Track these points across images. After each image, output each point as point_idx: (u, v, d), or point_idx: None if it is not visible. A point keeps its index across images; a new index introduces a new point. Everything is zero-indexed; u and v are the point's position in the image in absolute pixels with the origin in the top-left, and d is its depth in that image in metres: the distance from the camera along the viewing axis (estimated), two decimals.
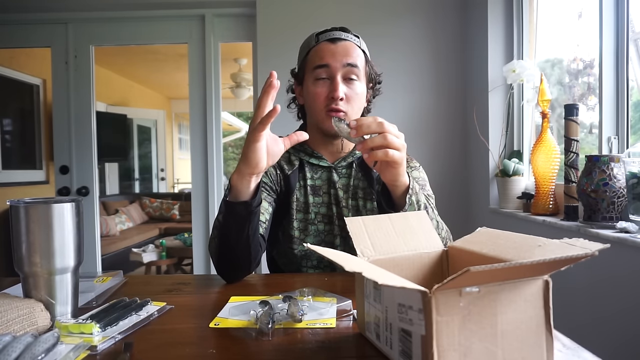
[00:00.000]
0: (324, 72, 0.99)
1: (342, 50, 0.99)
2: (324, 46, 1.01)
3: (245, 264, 0.88)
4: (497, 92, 2.10)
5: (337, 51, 0.99)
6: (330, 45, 1.00)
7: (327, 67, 0.99)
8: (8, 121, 3.83)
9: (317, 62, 1.00)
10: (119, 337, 0.58)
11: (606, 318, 1.27)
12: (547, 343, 0.45)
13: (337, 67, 0.98)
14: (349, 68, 0.99)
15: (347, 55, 0.99)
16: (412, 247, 0.62)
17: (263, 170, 0.82)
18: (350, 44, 1.01)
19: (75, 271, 0.68)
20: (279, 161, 1.07)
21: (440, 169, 2.36)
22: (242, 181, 0.81)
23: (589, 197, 1.32)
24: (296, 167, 1.06)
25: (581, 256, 0.41)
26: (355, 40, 1.03)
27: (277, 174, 1.06)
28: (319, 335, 0.59)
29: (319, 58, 1.00)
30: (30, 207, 0.64)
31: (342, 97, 0.98)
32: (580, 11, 1.75)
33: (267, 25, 2.40)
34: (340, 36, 1.02)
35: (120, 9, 2.56)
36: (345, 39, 1.01)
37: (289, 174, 1.06)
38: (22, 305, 0.60)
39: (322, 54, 1.00)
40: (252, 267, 0.90)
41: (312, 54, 1.02)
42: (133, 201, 5.67)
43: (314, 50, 1.02)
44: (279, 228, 1.07)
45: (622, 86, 1.45)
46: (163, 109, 6.70)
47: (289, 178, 1.06)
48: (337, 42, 1.00)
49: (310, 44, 1.04)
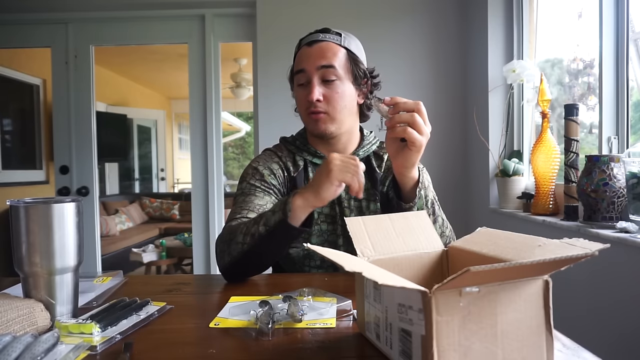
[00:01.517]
0: (302, 77, 1.01)
1: (316, 53, 0.99)
2: (302, 51, 1.02)
3: (256, 273, 0.91)
4: (497, 92, 2.10)
5: (312, 54, 0.99)
6: (307, 49, 1.01)
7: (304, 72, 1.00)
8: (8, 121, 3.82)
9: (297, 68, 1.02)
10: (119, 337, 0.58)
11: (606, 318, 1.27)
12: (547, 343, 0.45)
13: (312, 71, 0.98)
14: (323, 70, 0.98)
15: (322, 57, 0.98)
16: (412, 247, 0.62)
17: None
18: (327, 44, 1.00)
19: (75, 271, 0.68)
20: (285, 162, 1.07)
21: (440, 169, 2.36)
22: (306, 210, 0.82)
23: (589, 197, 1.32)
24: (301, 168, 1.06)
25: (581, 256, 0.41)
26: (335, 38, 1.01)
27: (284, 176, 1.06)
28: (319, 335, 0.59)
29: (297, 63, 1.02)
30: (30, 207, 0.64)
31: (319, 99, 0.98)
32: (580, 11, 1.75)
33: (267, 25, 2.40)
34: (317, 38, 1.01)
35: (120, 9, 2.56)
36: (322, 40, 1.00)
37: (294, 175, 1.06)
38: (22, 305, 0.60)
39: (300, 58, 1.02)
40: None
41: (295, 59, 1.04)
42: (133, 201, 5.67)
43: (297, 56, 1.04)
44: None
45: (622, 86, 1.45)
46: (163, 109, 6.70)
47: (295, 180, 1.05)
48: (313, 45, 1.00)
49: (296, 49, 1.06)
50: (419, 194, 0.87)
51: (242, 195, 1.00)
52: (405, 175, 0.87)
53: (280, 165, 1.06)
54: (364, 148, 1.07)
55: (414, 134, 0.79)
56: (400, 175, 0.87)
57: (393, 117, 0.80)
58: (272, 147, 1.13)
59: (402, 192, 0.90)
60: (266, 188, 1.00)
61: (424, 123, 0.80)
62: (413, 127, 0.79)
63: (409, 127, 0.79)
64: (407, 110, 0.80)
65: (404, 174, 0.86)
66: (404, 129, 0.79)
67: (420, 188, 0.88)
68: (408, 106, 0.80)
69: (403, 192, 0.89)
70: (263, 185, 1.01)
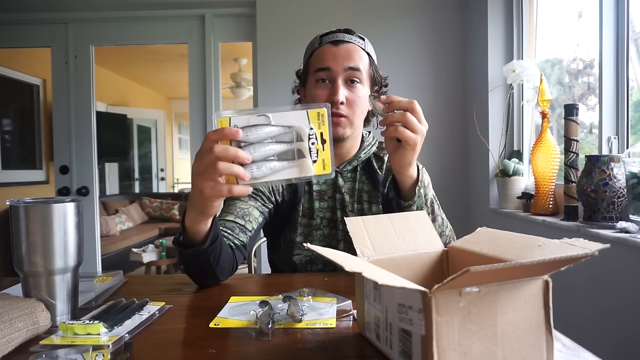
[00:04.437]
0: (325, 75, 0.97)
1: (344, 53, 0.97)
2: (326, 48, 0.99)
3: (215, 281, 0.86)
4: (497, 92, 2.10)
5: (339, 54, 0.97)
6: (332, 48, 0.98)
7: (328, 70, 0.97)
8: (8, 121, 3.83)
9: (319, 65, 0.98)
10: (127, 336, 0.58)
11: (606, 318, 1.27)
12: (547, 343, 0.45)
13: (339, 71, 0.96)
14: (350, 72, 0.96)
15: (349, 58, 0.97)
16: (412, 247, 0.62)
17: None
18: (354, 47, 0.99)
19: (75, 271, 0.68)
20: None
21: (440, 169, 2.36)
22: (201, 223, 0.75)
23: (589, 197, 1.32)
24: None
25: (581, 256, 0.41)
26: (360, 42, 1.00)
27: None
28: (319, 335, 0.59)
29: (320, 61, 0.98)
30: (30, 207, 0.64)
31: (343, 101, 0.96)
32: (580, 11, 1.75)
33: (267, 25, 2.40)
34: (344, 38, 0.99)
35: (120, 9, 2.56)
36: (349, 42, 0.99)
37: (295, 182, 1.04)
38: (22, 305, 0.60)
39: (324, 56, 0.98)
40: (225, 278, 0.88)
41: (314, 56, 1.01)
42: (133, 201, 5.67)
43: (316, 53, 1.00)
44: (281, 236, 1.06)
45: (622, 86, 1.45)
46: (163, 109, 6.70)
47: (297, 186, 1.03)
48: (339, 45, 0.98)
49: (314, 45, 1.02)
50: (419, 192, 0.88)
51: (229, 199, 0.98)
52: (404, 174, 0.87)
53: None
54: (365, 150, 1.07)
55: (406, 132, 0.79)
56: (399, 173, 0.87)
57: (387, 117, 0.80)
58: None
59: (401, 191, 0.90)
60: (253, 194, 0.99)
61: (418, 121, 0.79)
62: (406, 125, 0.79)
63: (402, 126, 0.79)
64: (401, 108, 0.79)
65: (402, 172, 0.86)
66: (397, 128, 0.79)
67: (420, 187, 0.88)
68: (402, 105, 0.79)
69: (402, 191, 0.89)
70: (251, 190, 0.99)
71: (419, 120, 0.79)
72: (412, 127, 0.79)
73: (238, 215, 0.93)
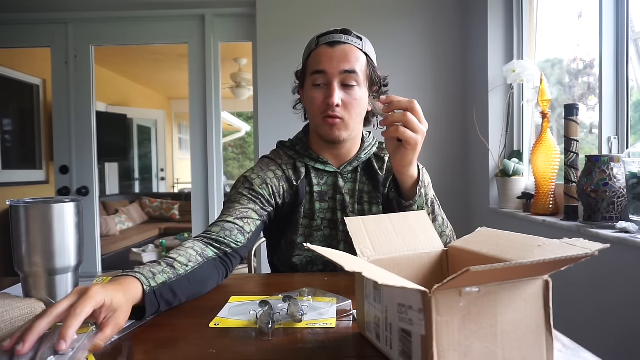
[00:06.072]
0: (321, 78, 0.96)
1: (339, 55, 0.95)
2: (322, 50, 0.97)
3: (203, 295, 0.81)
4: (497, 92, 2.10)
5: (334, 56, 0.95)
6: (328, 50, 0.96)
7: (323, 73, 0.95)
8: (8, 121, 3.82)
9: (315, 67, 0.97)
10: (115, 337, 0.58)
11: (606, 318, 1.27)
12: (547, 343, 0.45)
13: (334, 74, 0.94)
14: (346, 74, 0.94)
15: (345, 60, 0.94)
16: (412, 247, 0.62)
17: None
18: (350, 48, 0.96)
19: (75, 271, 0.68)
20: (285, 172, 1.03)
21: (440, 169, 2.36)
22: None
23: (589, 197, 1.32)
24: (303, 175, 1.03)
25: (581, 256, 0.41)
26: (357, 42, 0.98)
27: (279, 185, 1.02)
28: (319, 335, 0.59)
29: (316, 63, 0.97)
30: (30, 207, 0.64)
31: (339, 104, 0.94)
32: (580, 11, 1.75)
33: (267, 25, 2.40)
34: (340, 39, 0.97)
35: (120, 9, 2.56)
36: (345, 42, 0.97)
37: (297, 184, 1.02)
38: (22, 305, 0.60)
39: (320, 58, 0.96)
40: (214, 287, 0.84)
41: (311, 57, 0.99)
42: (133, 201, 5.67)
43: (313, 54, 0.99)
44: (282, 237, 1.06)
45: (622, 86, 1.45)
46: (163, 109, 6.70)
47: (298, 188, 1.02)
48: (335, 46, 0.96)
49: (311, 46, 1.01)
50: (419, 192, 0.88)
51: (228, 202, 0.98)
52: (404, 174, 0.87)
53: (277, 175, 1.02)
54: (365, 151, 1.06)
55: (407, 132, 0.79)
56: (400, 173, 0.87)
57: (387, 117, 0.80)
58: (270, 154, 1.09)
59: (402, 191, 0.90)
60: (253, 197, 0.98)
61: (418, 121, 0.79)
62: (407, 125, 0.79)
63: (403, 126, 0.79)
64: (401, 108, 0.79)
65: (403, 172, 0.86)
66: (397, 128, 0.79)
67: (421, 187, 0.88)
68: (402, 105, 0.79)
69: (403, 191, 0.89)
70: (251, 194, 0.98)
71: (419, 119, 0.80)
72: (412, 126, 0.79)
73: (237, 217, 0.93)
